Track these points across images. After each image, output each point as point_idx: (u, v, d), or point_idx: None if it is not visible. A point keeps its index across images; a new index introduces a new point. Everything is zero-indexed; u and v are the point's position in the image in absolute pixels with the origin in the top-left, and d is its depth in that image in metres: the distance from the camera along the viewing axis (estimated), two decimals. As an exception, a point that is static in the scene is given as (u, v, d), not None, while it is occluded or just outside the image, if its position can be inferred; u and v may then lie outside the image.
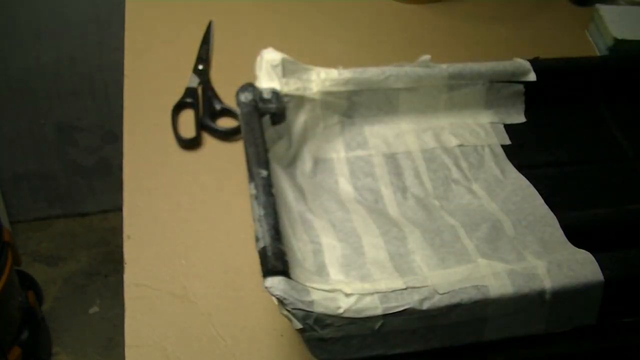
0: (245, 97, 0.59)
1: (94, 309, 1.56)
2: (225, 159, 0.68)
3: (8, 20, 1.36)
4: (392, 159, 0.64)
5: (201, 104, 0.73)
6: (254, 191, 0.52)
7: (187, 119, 0.71)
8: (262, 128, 0.58)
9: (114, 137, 1.58)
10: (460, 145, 0.66)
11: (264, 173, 0.53)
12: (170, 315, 0.56)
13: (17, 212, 1.67)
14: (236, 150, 0.69)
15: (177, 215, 0.63)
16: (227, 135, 0.70)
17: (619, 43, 0.81)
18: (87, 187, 1.68)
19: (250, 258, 0.57)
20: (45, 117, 1.53)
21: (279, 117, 0.61)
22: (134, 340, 0.54)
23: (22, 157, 1.58)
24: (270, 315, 0.56)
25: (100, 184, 1.68)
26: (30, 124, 1.53)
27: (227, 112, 0.72)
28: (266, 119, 0.60)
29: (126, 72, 0.76)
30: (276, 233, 0.49)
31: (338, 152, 0.64)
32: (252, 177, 0.53)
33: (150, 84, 0.75)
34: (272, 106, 0.60)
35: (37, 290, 1.45)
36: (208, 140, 0.70)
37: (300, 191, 0.59)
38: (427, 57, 0.66)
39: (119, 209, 0.63)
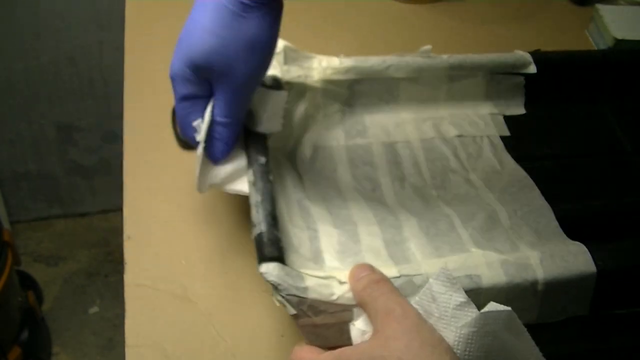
0: None
1: (94, 309, 1.56)
2: (225, 159, 0.68)
3: (8, 20, 1.36)
4: (391, 148, 0.64)
5: (201, 104, 0.73)
6: (251, 177, 0.52)
7: (187, 119, 0.71)
8: None
9: (114, 137, 1.58)
10: (459, 136, 0.66)
11: (262, 160, 0.53)
12: (170, 315, 0.56)
13: (17, 212, 1.67)
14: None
15: (177, 215, 0.63)
16: (227, 135, 0.70)
17: (619, 43, 0.81)
18: (87, 187, 1.68)
19: (250, 258, 0.57)
20: (45, 117, 1.53)
21: None
22: (134, 340, 0.54)
23: (22, 157, 1.58)
24: (270, 315, 0.56)
25: (100, 184, 1.68)
26: (30, 124, 1.53)
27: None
28: None
29: (126, 72, 0.76)
30: (273, 219, 0.49)
31: (338, 140, 0.64)
32: (250, 163, 0.53)
33: (150, 84, 0.75)
34: None
35: (37, 290, 1.46)
36: (208, 140, 0.70)
37: (299, 178, 0.59)
38: (428, 47, 0.67)
39: (119, 209, 0.63)
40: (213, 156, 0.54)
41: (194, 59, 0.50)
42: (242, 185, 0.54)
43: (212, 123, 0.52)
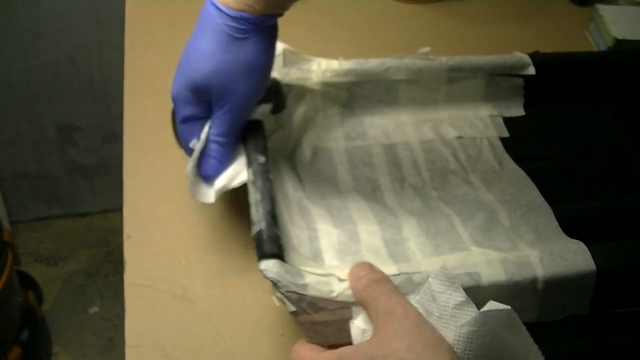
0: None
1: (94, 309, 1.56)
2: (225, 159, 0.68)
3: (8, 20, 1.36)
4: (390, 150, 0.64)
5: (201, 104, 0.73)
6: (251, 176, 0.52)
7: (187, 119, 0.71)
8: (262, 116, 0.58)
9: (114, 137, 1.58)
10: (458, 137, 0.66)
11: (262, 159, 0.53)
12: (170, 315, 0.56)
13: (17, 212, 1.67)
14: (236, 150, 0.69)
15: (177, 215, 0.63)
16: (227, 135, 0.70)
17: (619, 43, 0.81)
18: (87, 187, 1.68)
19: (250, 258, 0.57)
20: (45, 117, 1.53)
21: (278, 106, 0.61)
22: (134, 340, 0.54)
23: (22, 157, 1.58)
24: (270, 315, 0.56)
25: (100, 184, 1.68)
26: (30, 124, 1.53)
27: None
28: (266, 107, 0.61)
29: (126, 72, 0.76)
30: (272, 218, 0.49)
31: (337, 142, 0.64)
32: (250, 163, 0.53)
33: (150, 84, 0.75)
34: (272, 95, 0.61)
35: (37, 290, 1.46)
36: (208, 140, 0.70)
37: (299, 179, 0.59)
38: (427, 49, 0.67)
39: (119, 209, 0.63)
40: (205, 172, 0.56)
41: (194, 81, 0.52)
42: (244, 176, 0.55)
43: (208, 142, 0.54)
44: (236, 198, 0.64)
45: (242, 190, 0.56)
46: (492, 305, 0.41)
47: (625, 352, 0.56)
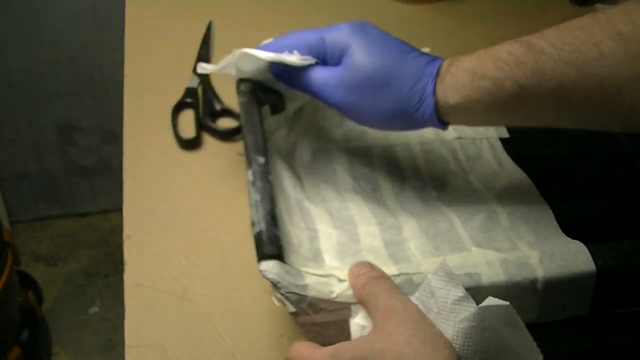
0: (246, 86, 0.60)
1: (94, 309, 1.56)
2: (225, 159, 0.68)
3: (8, 20, 1.36)
4: (390, 150, 0.64)
5: (201, 104, 0.73)
6: (251, 177, 0.52)
7: (187, 119, 0.71)
8: (262, 117, 0.58)
9: (114, 137, 1.59)
10: (458, 138, 0.66)
11: (262, 160, 0.53)
12: (170, 315, 0.56)
13: (17, 212, 1.67)
14: (236, 150, 0.69)
15: (177, 215, 0.63)
16: (227, 136, 0.70)
17: (619, 43, 0.81)
18: (87, 187, 1.68)
19: (250, 258, 0.57)
20: (45, 117, 1.53)
21: (278, 106, 0.61)
22: (134, 340, 0.54)
23: (22, 157, 1.58)
24: (270, 315, 0.56)
25: (100, 184, 1.68)
26: (30, 124, 1.53)
27: (227, 112, 0.72)
28: (266, 108, 0.61)
29: (126, 72, 0.76)
30: (272, 219, 0.49)
31: (337, 143, 0.64)
32: (250, 164, 0.53)
33: (150, 84, 0.75)
34: (272, 96, 0.60)
35: (37, 290, 1.46)
36: (208, 140, 0.70)
37: (299, 180, 0.59)
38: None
39: (119, 209, 0.63)
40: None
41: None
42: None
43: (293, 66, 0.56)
44: (236, 198, 0.64)
45: (242, 190, 0.56)
46: (490, 300, 0.41)
47: (625, 352, 0.56)
